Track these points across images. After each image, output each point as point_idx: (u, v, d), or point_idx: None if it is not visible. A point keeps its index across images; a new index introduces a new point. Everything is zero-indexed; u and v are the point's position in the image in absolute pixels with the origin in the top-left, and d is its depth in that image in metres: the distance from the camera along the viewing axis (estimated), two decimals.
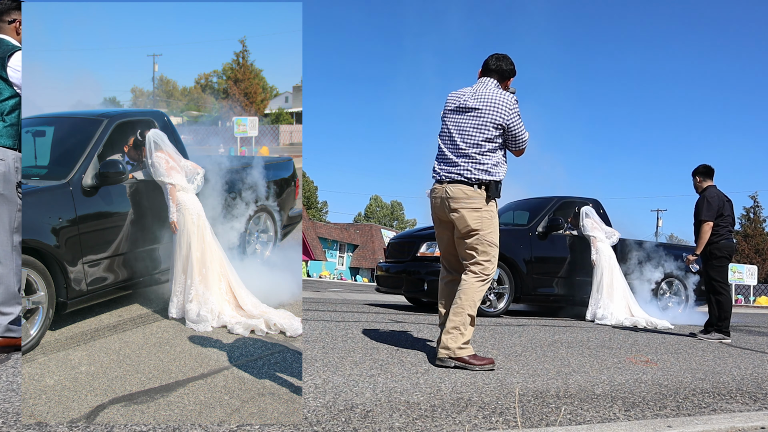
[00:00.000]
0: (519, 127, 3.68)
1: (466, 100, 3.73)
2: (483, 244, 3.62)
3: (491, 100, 3.66)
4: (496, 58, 3.80)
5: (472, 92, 3.75)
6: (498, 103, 3.64)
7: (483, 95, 3.70)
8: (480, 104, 3.67)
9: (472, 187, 3.61)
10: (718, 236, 6.41)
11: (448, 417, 2.49)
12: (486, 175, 3.62)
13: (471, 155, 3.64)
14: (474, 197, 3.60)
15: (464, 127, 3.69)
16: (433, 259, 7.67)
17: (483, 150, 3.64)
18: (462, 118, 3.71)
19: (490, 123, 3.63)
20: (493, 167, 3.64)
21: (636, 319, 7.75)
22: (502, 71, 3.78)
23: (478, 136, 3.64)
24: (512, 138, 3.70)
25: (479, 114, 3.66)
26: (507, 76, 3.81)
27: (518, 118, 3.68)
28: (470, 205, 3.60)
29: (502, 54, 3.82)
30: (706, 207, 6.43)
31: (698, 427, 2.55)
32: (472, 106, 3.69)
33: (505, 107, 3.64)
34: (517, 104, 3.70)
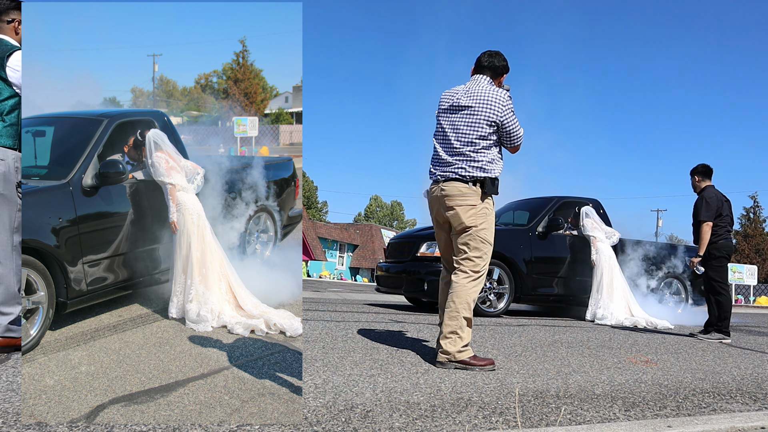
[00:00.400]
0: (513, 123, 3.68)
1: (459, 99, 3.72)
2: (476, 240, 3.60)
3: (484, 97, 3.65)
4: (489, 54, 3.79)
5: (465, 90, 3.75)
6: (491, 100, 3.63)
7: (476, 93, 3.69)
8: (473, 102, 3.67)
9: (467, 185, 3.61)
10: (716, 236, 6.40)
11: (448, 417, 2.49)
12: (481, 172, 3.62)
13: (465, 153, 3.64)
14: (469, 194, 3.61)
15: (458, 125, 3.68)
16: (433, 259, 7.67)
17: (477, 147, 3.63)
18: (456, 117, 3.71)
19: (484, 120, 3.62)
20: (488, 164, 3.64)
21: (636, 319, 7.75)
22: (494, 68, 3.77)
23: (472, 134, 3.64)
24: (507, 135, 3.69)
25: (473, 112, 3.65)
26: (500, 72, 3.79)
27: (512, 114, 3.68)
28: (465, 202, 3.60)
29: (494, 51, 3.81)
30: (705, 207, 6.41)
31: (698, 427, 2.55)
32: (465, 104, 3.68)
33: (498, 104, 3.63)
34: (511, 100, 3.70)
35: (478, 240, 3.61)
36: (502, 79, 3.83)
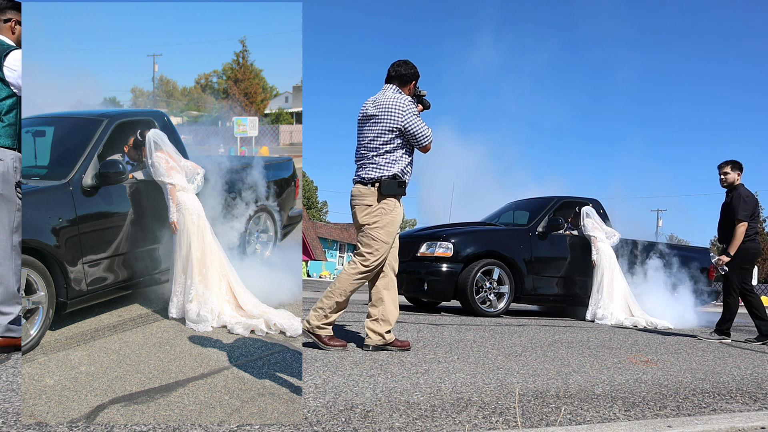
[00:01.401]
0: (416, 126, 3.90)
1: (367, 109, 3.99)
2: (368, 237, 3.87)
3: (386, 105, 3.90)
4: (397, 64, 4.05)
5: (373, 100, 4.01)
6: (392, 108, 3.88)
7: (381, 102, 3.94)
8: (377, 111, 3.92)
9: (366, 186, 3.90)
10: (746, 237, 6.11)
11: (448, 417, 2.49)
12: (377, 173, 3.88)
13: (370, 158, 3.92)
14: (366, 194, 3.89)
15: (367, 134, 3.96)
16: (433, 259, 7.67)
17: (380, 152, 3.90)
18: (365, 127, 3.98)
19: (386, 127, 3.89)
20: (387, 165, 3.89)
21: (636, 319, 7.74)
22: (401, 76, 4.00)
23: (377, 140, 3.91)
24: (413, 137, 3.93)
25: (377, 120, 3.92)
26: (407, 80, 4.02)
27: (414, 117, 3.91)
28: (362, 202, 3.90)
29: (403, 60, 4.07)
30: (743, 206, 6.08)
31: (698, 427, 2.55)
32: (371, 113, 3.95)
33: (398, 110, 3.87)
34: (413, 104, 3.94)
35: (370, 237, 3.86)
36: (412, 85, 4.08)
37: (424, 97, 4.15)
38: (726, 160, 6.38)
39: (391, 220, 3.90)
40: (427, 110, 4.22)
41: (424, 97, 4.15)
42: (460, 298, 7.59)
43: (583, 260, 8.21)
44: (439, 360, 3.81)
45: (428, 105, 4.21)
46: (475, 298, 7.50)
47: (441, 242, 7.69)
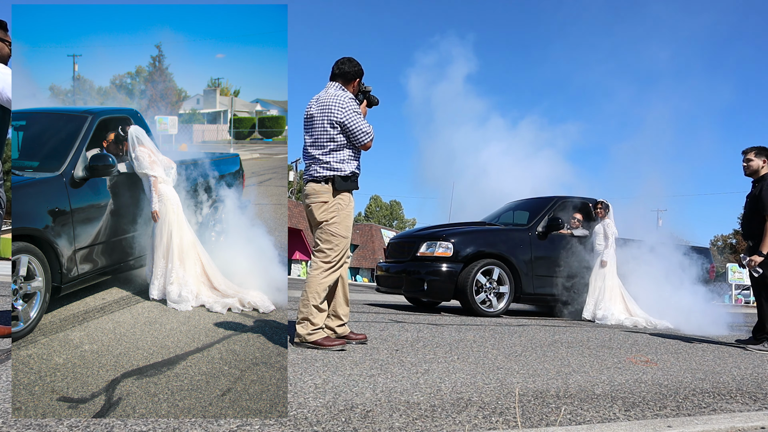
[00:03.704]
0: (354, 122, 3.91)
1: (310, 107, 4.02)
2: (327, 233, 3.91)
3: (326, 102, 3.93)
4: (341, 62, 4.05)
5: (315, 99, 4.04)
6: (331, 104, 3.90)
7: (322, 99, 3.98)
8: (318, 109, 3.96)
9: (320, 183, 3.93)
10: None
11: (448, 417, 2.49)
12: (330, 171, 3.90)
13: (317, 156, 3.94)
14: (320, 191, 3.93)
15: (311, 132, 3.99)
16: (433, 259, 7.67)
17: (326, 150, 3.92)
18: (310, 124, 4.00)
19: (327, 123, 3.90)
20: (338, 164, 3.91)
21: (636, 319, 7.75)
22: (344, 74, 4.03)
23: (321, 137, 3.93)
24: (351, 134, 3.93)
25: (318, 118, 3.97)
26: (351, 77, 4.05)
27: (353, 113, 3.91)
28: (318, 199, 3.93)
29: (347, 58, 4.09)
30: None
31: (698, 427, 2.55)
32: (313, 112, 3.99)
33: (336, 106, 3.89)
34: (353, 101, 3.95)
35: (329, 233, 3.91)
36: (356, 83, 4.10)
37: (370, 92, 4.16)
38: (751, 146, 5.77)
39: (347, 214, 3.98)
40: (376, 106, 4.25)
41: (370, 92, 4.16)
42: (460, 298, 7.59)
43: (584, 260, 8.21)
44: (439, 360, 3.81)
45: (376, 101, 4.23)
46: (474, 298, 7.50)
47: (441, 242, 7.69)
